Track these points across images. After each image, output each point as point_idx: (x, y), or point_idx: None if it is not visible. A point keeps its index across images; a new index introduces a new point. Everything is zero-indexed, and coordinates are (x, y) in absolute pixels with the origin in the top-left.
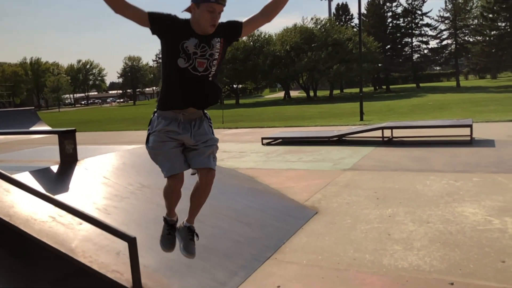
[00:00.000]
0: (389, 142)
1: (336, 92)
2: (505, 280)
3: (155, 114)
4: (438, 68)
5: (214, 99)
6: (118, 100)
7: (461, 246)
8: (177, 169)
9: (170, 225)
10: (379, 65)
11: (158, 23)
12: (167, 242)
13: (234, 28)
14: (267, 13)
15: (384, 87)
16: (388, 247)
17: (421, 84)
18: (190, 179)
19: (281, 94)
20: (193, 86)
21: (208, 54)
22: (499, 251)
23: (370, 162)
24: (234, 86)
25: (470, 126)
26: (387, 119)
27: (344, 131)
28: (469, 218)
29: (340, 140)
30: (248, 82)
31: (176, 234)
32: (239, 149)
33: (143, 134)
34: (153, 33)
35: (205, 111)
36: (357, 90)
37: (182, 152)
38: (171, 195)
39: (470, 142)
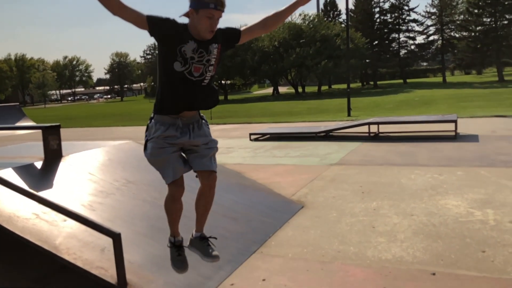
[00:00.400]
0: (376, 138)
1: (324, 88)
2: (485, 269)
3: (152, 120)
4: (425, 64)
5: (210, 103)
6: (105, 96)
7: (443, 238)
8: (178, 174)
9: (177, 247)
10: (367, 61)
11: (157, 26)
12: (179, 264)
13: (233, 35)
14: (267, 25)
15: (372, 83)
16: (372, 240)
17: (408, 80)
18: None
19: (269, 90)
20: (188, 90)
21: (205, 60)
22: (480, 241)
23: (357, 157)
24: (223, 82)
25: (455, 121)
26: (374, 115)
27: (331, 126)
28: (452, 210)
29: (327, 136)
30: (236, 78)
31: (190, 248)
32: (227, 144)
33: (131, 130)
34: (151, 35)
35: (201, 114)
36: (345, 86)
37: (180, 156)
38: (174, 204)
39: (455, 137)
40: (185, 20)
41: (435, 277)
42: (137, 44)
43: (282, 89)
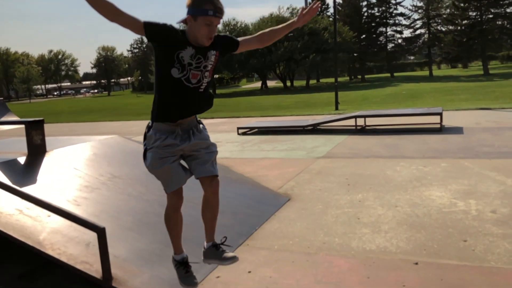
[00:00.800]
0: (362, 131)
1: (312, 82)
2: (466, 258)
3: (151, 129)
4: (412, 57)
5: (206, 107)
6: (92, 91)
7: (426, 228)
8: (180, 184)
9: (183, 263)
10: (355, 54)
11: (154, 32)
12: (190, 280)
13: (231, 45)
14: (263, 40)
15: (360, 76)
16: (357, 231)
17: (395, 74)
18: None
19: (258, 84)
20: (185, 97)
21: (202, 66)
22: (462, 231)
23: (343, 150)
24: None
25: (440, 114)
26: (361, 108)
27: (319, 120)
28: (435, 201)
29: (314, 129)
30: (224, 72)
31: (206, 261)
32: (215, 139)
33: (119, 125)
34: (149, 40)
35: (199, 118)
36: (333, 79)
37: (180, 164)
38: (175, 214)
39: (440, 130)
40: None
41: (418, 266)
42: (124, 37)
43: (270, 83)
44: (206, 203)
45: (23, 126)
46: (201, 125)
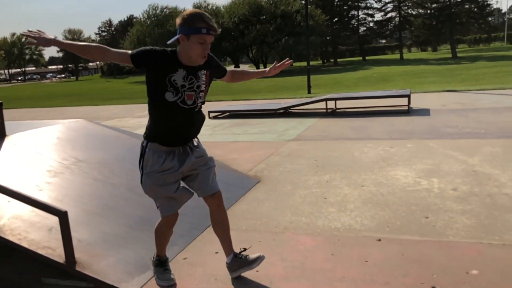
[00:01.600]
0: (333, 113)
1: None
2: (427, 233)
3: (147, 149)
4: (383, 41)
5: (201, 128)
6: (59, 76)
7: (390, 206)
8: (177, 207)
9: (163, 262)
10: (327, 38)
11: (142, 62)
12: (167, 277)
13: (220, 72)
14: (234, 78)
15: (332, 60)
16: (324, 210)
17: (367, 57)
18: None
19: (230, 68)
20: (183, 119)
21: (195, 86)
22: (424, 208)
23: (313, 132)
24: None
25: (408, 96)
26: (333, 92)
27: (290, 103)
28: (400, 180)
29: (286, 113)
30: None
31: (234, 274)
32: None
33: (87, 110)
34: (139, 68)
35: None
36: (305, 63)
37: (181, 187)
38: (168, 231)
39: (408, 112)
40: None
41: (381, 242)
42: (91, 20)
43: (243, 67)
44: (215, 219)
45: None
46: (195, 139)
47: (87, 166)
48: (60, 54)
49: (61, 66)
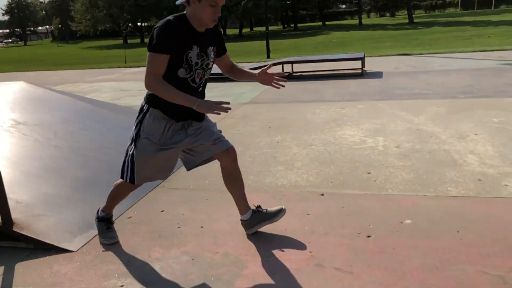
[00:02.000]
0: (289, 77)
1: (246, 30)
2: (367, 187)
3: (147, 114)
4: (343, 6)
5: None
6: (5, 41)
7: (336, 163)
8: (154, 179)
9: (106, 219)
10: (287, 2)
11: (171, 46)
12: (110, 235)
13: (222, 50)
14: (231, 73)
15: (292, 25)
16: (272, 169)
17: (327, 22)
18: None
19: None
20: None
21: (204, 64)
22: (367, 164)
23: (268, 96)
24: (138, 24)
25: (361, 59)
26: (292, 56)
27: (247, 67)
28: (347, 139)
29: None
30: (152, 19)
31: (252, 230)
32: (139, 87)
33: (36, 75)
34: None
35: None
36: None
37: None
38: (127, 193)
39: (362, 74)
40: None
41: (323, 197)
42: None
43: None
44: (230, 175)
45: None
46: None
47: (27, 128)
48: (6, 18)
49: (7, 30)
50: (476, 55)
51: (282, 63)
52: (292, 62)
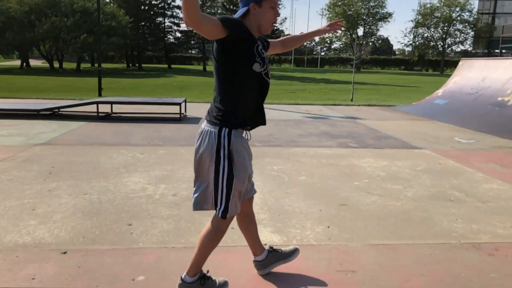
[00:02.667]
0: (107, 117)
1: (86, 65)
2: (119, 241)
3: (232, 137)
4: (193, 52)
5: None
6: None
7: (101, 214)
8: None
9: (205, 276)
10: (133, 42)
11: (233, 28)
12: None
13: (267, 44)
14: (286, 45)
15: (137, 65)
16: (23, 223)
17: (173, 66)
18: None
19: (18, 62)
20: (261, 97)
21: (266, 59)
22: (134, 215)
23: (71, 136)
24: None
25: (180, 104)
26: (125, 96)
27: (60, 104)
28: (128, 187)
29: (54, 114)
30: None
31: (267, 270)
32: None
33: None
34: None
35: None
36: (111, 65)
37: None
38: (221, 238)
39: (180, 119)
40: None
41: (64, 255)
42: None
43: (36, 63)
44: (248, 218)
45: None
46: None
47: None
48: None
49: None
50: (290, 108)
51: (97, 102)
52: (110, 102)
